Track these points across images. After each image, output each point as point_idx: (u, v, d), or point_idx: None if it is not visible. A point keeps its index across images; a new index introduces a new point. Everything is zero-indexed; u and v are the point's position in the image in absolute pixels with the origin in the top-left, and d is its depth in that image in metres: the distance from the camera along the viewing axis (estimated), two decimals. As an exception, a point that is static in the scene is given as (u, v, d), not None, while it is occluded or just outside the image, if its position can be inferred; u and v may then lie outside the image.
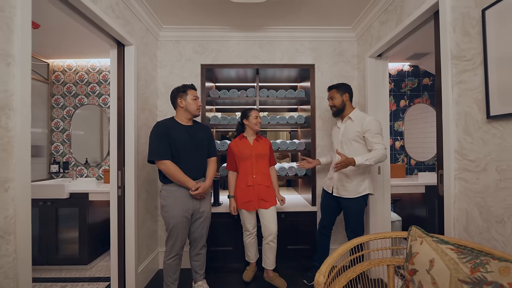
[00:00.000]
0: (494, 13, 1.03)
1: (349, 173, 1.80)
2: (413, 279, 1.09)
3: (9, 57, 0.95)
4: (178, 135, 1.67)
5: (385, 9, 1.90)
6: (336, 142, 1.91)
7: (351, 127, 1.81)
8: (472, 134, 1.16)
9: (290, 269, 2.26)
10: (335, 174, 1.88)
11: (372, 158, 1.63)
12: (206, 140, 1.82)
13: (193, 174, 1.71)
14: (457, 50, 1.24)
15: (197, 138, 1.75)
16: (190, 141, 1.71)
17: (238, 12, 2.11)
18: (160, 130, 1.65)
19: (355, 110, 1.87)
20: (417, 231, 1.18)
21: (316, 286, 1.02)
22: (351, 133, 1.80)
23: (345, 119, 1.87)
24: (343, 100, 1.87)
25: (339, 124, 1.92)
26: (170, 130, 1.66)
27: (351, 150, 1.80)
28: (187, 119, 1.76)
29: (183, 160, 1.68)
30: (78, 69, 2.95)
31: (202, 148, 1.79)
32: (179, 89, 1.75)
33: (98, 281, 2.15)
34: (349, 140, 1.81)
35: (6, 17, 0.94)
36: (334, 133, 1.98)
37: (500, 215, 1.03)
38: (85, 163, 2.92)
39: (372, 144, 1.70)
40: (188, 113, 1.74)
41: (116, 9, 1.70)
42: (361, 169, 1.79)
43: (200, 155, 1.78)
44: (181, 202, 1.68)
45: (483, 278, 0.89)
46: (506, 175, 1.00)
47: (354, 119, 1.82)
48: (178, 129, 1.70)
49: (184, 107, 1.73)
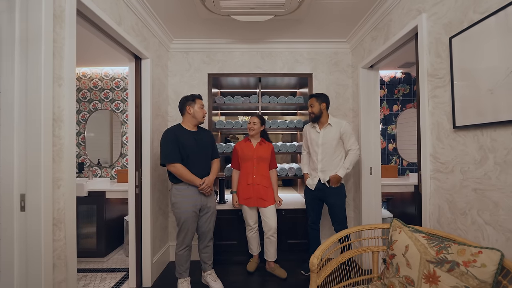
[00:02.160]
0: (458, 42, 1.24)
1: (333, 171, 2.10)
2: (392, 262, 1.31)
3: (60, 80, 1.17)
4: (186, 141, 1.88)
5: (375, 27, 2.11)
6: (316, 145, 2.15)
7: (331, 132, 2.10)
8: (443, 140, 1.37)
9: (289, 261, 2.47)
10: (319, 173, 2.13)
11: (349, 165, 2.07)
12: (209, 144, 2.05)
13: (200, 174, 1.93)
14: (432, 69, 1.45)
15: (202, 142, 1.98)
16: (196, 145, 1.93)
17: (242, 26, 2.33)
18: (170, 136, 1.86)
19: (330, 117, 2.15)
20: (397, 223, 1.39)
21: (311, 266, 1.23)
22: (331, 136, 2.09)
23: (325, 126, 2.12)
24: (320, 108, 2.12)
25: (317, 129, 2.16)
26: (178, 136, 1.87)
27: (331, 151, 2.10)
28: (193, 125, 1.97)
29: (191, 162, 1.90)
30: (92, 76, 3.17)
31: (207, 152, 2.02)
32: (188, 98, 1.97)
33: (115, 271, 2.37)
34: (329, 143, 2.10)
35: (58, 47, 1.16)
36: (314, 136, 2.19)
37: (463, 209, 1.25)
38: (97, 164, 3.14)
39: (347, 146, 2.11)
40: (195, 119, 1.96)
41: (136, 28, 1.91)
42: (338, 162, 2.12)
43: (205, 157, 2.00)
44: (190, 199, 1.89)
45: (444, 258, 1.11)
46: (467, 175, 1.22)
47: (333, 125, 2.10)
48: (186, 135, 1.91)
49: (192, 114, 1.94)
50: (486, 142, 1.11)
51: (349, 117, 2.67)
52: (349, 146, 2.09)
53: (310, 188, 2.21)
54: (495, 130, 1.07)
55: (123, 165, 3.17)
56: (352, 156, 2.07)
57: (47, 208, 1.08)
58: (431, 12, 1.45)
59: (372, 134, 2.38)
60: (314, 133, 2.20)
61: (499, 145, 1.05)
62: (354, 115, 2.61)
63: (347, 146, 2.11)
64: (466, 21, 1.20)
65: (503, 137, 1.03)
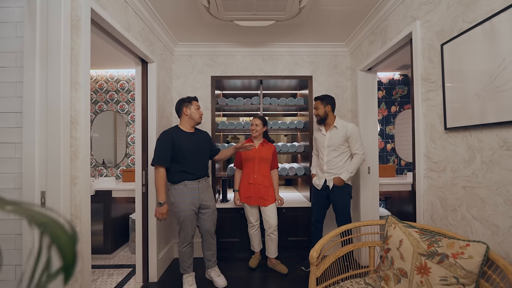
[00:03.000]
0: (449, 48, 1.32)
1: (338, 173, 2.14)
2: (387, 256, 1.39)
3: (76, 84, 1.25)
4: (183, 142, 1.95)
5: (373, 31, 2.19)
6: (322, 147, 2.21)
7: (337, 134, 2.14)
8: (436, 141, 1.45)
9: (290, 258, 2.55)
10: (325, 174, 2.19)
11: (353, 169, 2.08)
12: (207, 145, 2.13)
13: (197, 174, 2.00)
14: (425, 73, 1.53)
15: (200, 144, 2.05)
16: (194, 146, 2.00)
17: (244, 31, 2.41)
18: (165, 139, 1.92)
19: (337, 119, 2.18)
20: (392, 219, 1.47)
21: (311, 259, 1.31)
22: (337, 139, 2.13)
23: (331, 128, 2.17)
24: (325, 110, 2.18)
25: (323, 132, 2.23)
26: (176, 138, 1.93)
27: (336, 153, 2.15)
28: (190, 127, 2.04)
29: (188, 163, 1.96)
30: (98, 78, 3.26)
31: (204, 152, 2.10)
32: (183, 100, 2.04)
33: (122, 268, 2.45)
34: (335, 145, 2.14)
35: (75, 54, 1.24)
36: (319, 138, 2.27)
37: (453, 205, 1.33)
38: (102, 164, 3.23)
39: (353, 150, 2.11)
40: (192, 120, 2.03)
41: (143, 33, 2.00)
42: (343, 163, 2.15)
43: (203, 158, 2.08)
44: (188, 198, 1.96)
45: (435, 251, 1.19)
46: (457, 174, 1.30)
47: (339, 127, 2.14)
48: (183, 137, 1.97)
49: (188, 115, 2.01)
50: (474, 143, 1.19)
51: (348, 118, 2.75)
52: (355, 150, 2.10)
53: (316, 188, 2.28)
54: (482, 132, 1.15)
55: (128, 164, 3.25)
56: (357, 161, 2.07)
57: (66, 204, 1.16)
58: (424, 19, 1.53)
59: (370, 134, 2.46)
60: (320, 135, 2.27)
61: (485, 145, 1.13)
62: (352, 116, 2.69)
63: (353, 150, 2.11)
64: (456, 29, 1.28)
65: (488, 138, 1.11)
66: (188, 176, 1.96)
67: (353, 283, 1.43)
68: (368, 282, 1.43)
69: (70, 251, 0.25)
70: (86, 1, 1.28)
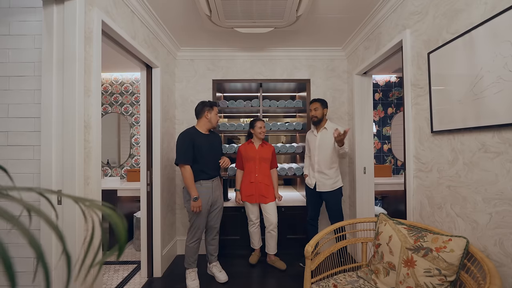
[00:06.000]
0: (435, 57, 1.42)
1: (327, 172, 2.27)
2: (378, 251, 1.48)
3: (89, 91, 1.35)
4: (201, 143, 2.06)
5: (367, 37, 2.29)
6: (313, 147, 2.36)
7: (326, 135, 2.28)
8: (424, 143, 1.55)
9: (289, 255, 2.65)
10: (316, 173, 2.32)
11: (347, 148, 2.22)
12: (219, 146, 2.25)
13: (212, 174, 2.12)
14: (414, 79, 1.63)
15: (214, 145, 2.18)
16: (210, 147, 2.12)
17: (244, 37, 2.51)
18: (187, 139, 2.03)
19: (328, 121, 2.34)
20: (383, 217, 1.57)
21: (306, 253, 1.41)
22: (327, 140, 2.27)
23: (322, 129, 2.32)
24: (323, 113, 2.31)
25: (315, 133, 2.37)
26: (195, 138, 2.05)
27: (325, 153, 2.28)
28: (206, 129, 2.15)
29: (205, 163, 2.08)
30: (103, 81, 3.36)
31: (217, 153, 2.22)
32: (205, 104, 2.13)
33: (127, 264, 2.56)
34: (325, 145, 2.28)
35: (88, 64, 1.34)
36: (311, 139, 2.41)
37: (439, 203, 1.42)
38: (106, 164, 3.33)
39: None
40: (210, 124, 2.14)
41: (148, 40, 2.10)
42: (335, 169, 2.29)
43: (216, 158, 2.20)
44: (204, 196, 2.07)
45: (421, 245, 1.28)
46: (442, 174, 1.39)
47: (328, 129, 2.29)
48: (201, 138, 2.09)
49: (208, 119, 2.12)
50: (457, 145, 1.29)
51: (345, 120, 2.84)
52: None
53: (309, 187, 2.39)
54: (463, 135, 1.24)
55: (132, 165, 3.35)
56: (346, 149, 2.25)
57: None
58: (413, 28, 1.62)
59: (365, 136, 2.56)
60: (312, 136, 2.41)
61: (466, 148, 1.22)
62: (349, 118, 2.79)
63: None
64: (440, 40, 1.38)
65: (469, 141, 1.21)
66: (204, 175, 2.08)
67: (346, 276, 1.52)
68: (360, 275, 1.52)
69: (124, 235, 0.35)
70: (97, 15, 1.38)
